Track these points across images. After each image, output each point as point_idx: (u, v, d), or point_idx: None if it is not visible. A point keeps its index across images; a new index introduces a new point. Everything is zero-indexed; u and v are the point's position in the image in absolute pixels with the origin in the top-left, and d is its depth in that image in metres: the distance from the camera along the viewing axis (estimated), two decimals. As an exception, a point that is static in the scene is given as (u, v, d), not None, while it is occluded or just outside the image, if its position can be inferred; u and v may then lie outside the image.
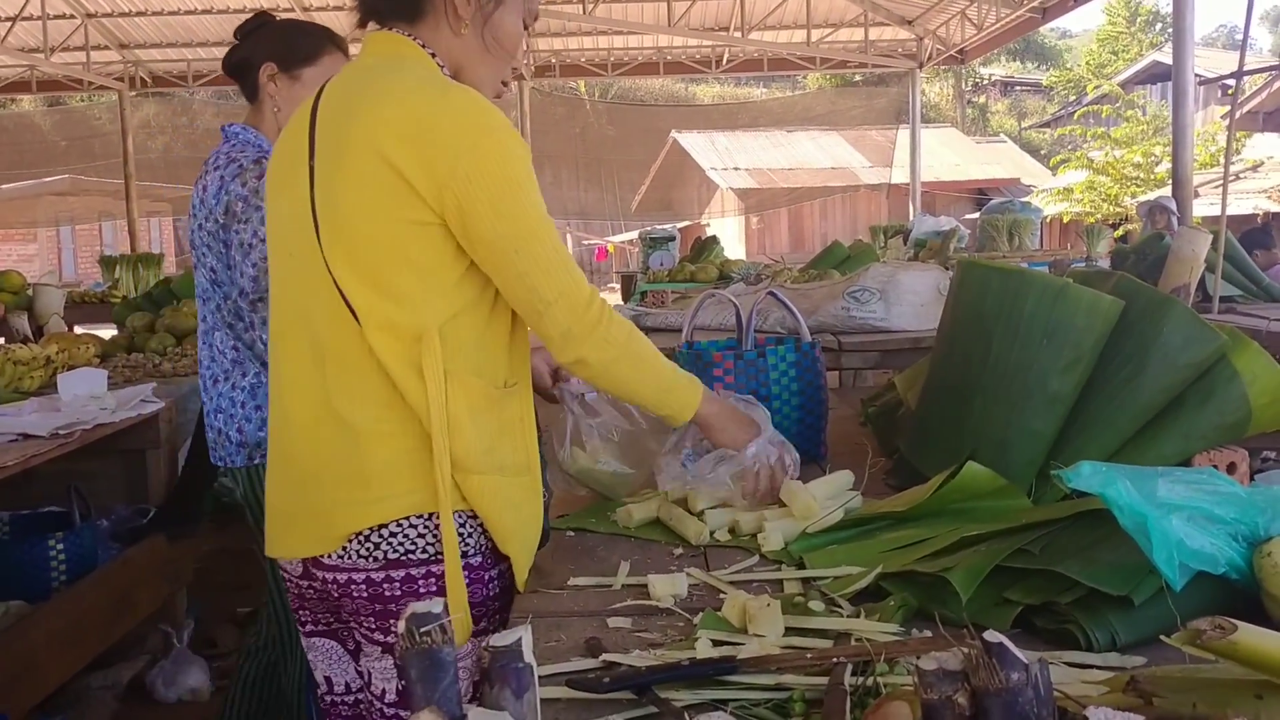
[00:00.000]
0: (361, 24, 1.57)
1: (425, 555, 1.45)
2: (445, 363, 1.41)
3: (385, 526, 1.43)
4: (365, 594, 1.46)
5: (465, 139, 1.38)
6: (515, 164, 1.41)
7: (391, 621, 1.45)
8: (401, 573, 1.45)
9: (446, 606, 0.93)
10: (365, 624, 1.49)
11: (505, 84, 1.62)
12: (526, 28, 1.60)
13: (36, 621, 2.86)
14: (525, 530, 1.52)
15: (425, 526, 1.44)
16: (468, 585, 1.47)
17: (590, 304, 1.48)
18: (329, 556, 1.46)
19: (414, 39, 1.51)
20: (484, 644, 0.88)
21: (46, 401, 3.32)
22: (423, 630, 0.85)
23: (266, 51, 2.35)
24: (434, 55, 1.52)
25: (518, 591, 1.51)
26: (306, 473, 1.49)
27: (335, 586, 1.48)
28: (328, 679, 1.62)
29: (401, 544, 1.44)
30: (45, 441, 2.90)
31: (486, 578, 1.51)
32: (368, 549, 1.44)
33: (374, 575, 1.45)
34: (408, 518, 1.44)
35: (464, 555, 1.46)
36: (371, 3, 1.56)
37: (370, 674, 1.51)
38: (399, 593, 1.44)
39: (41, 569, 3.10)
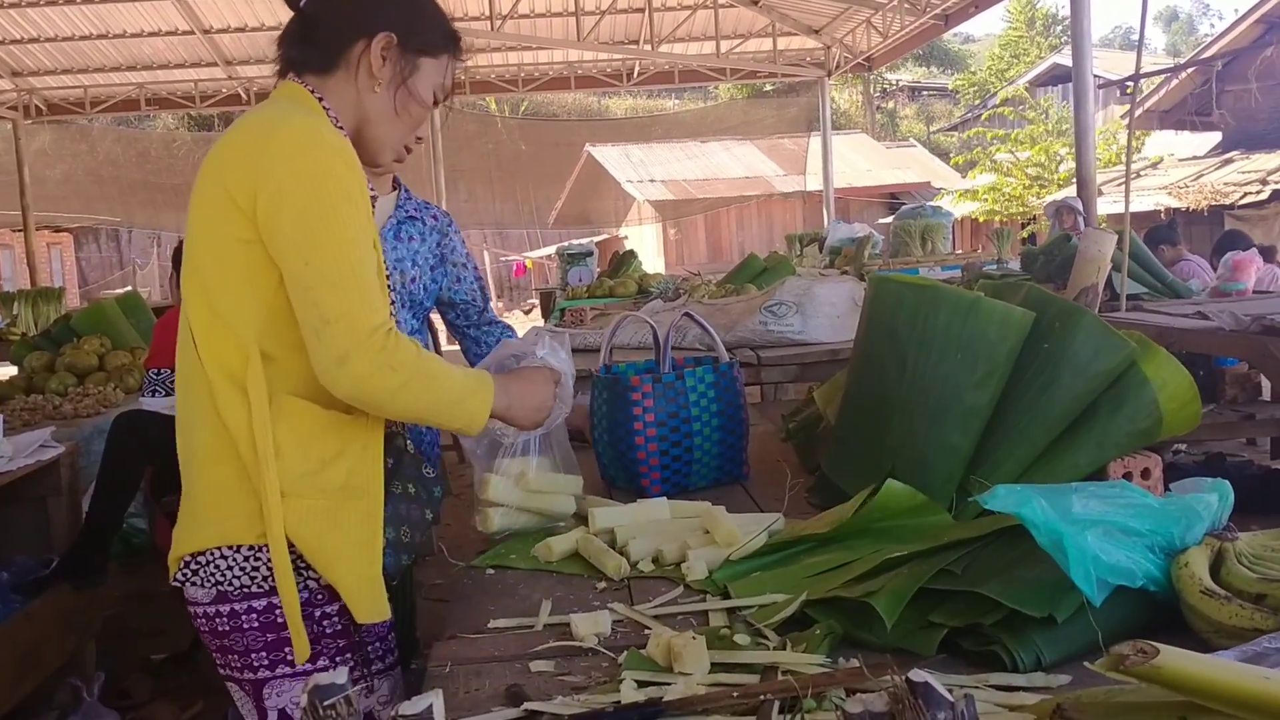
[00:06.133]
0: (282, 75, 1.59)
1: (239, 586, 1.44)
2: (272, 384, 1.42)
3: (202, 554, 1.45)
4: (205, 629, 1.48)
5: (287, 151, 1.40)
6: (332, 181, 1.40)
7: (231, 657, 1.47)
8: (227, 607, 1.45)
9: (351, 677, 0.89)
10: (216, 660, 1.51)
11: (408, 149, 1.65)
12: (436, 103, 1.63)
13: (-66, 684, 2.72)
14: (355, 556, 1.45)
15: (237, 556, 1.44)
16: None
17: (376, 330, 1.40)
18: (175, 583, 1.49)
19: (314, 93, 1.53)
20: (393, 713, 0.84)
21: (-62, 451, 3.17)
22: (326, 703, 0.81)
23: None
24: (329, 110, 1.53)
25: (357, 625, 1.47)
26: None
27: (192, 620, 1.50)
28: None
29: (212, 574, 1.44)
30: (-63, 494, 2.77)
31: (318, 614, 1.47)
32: (186, 574, 1.46)
33: (207, 609, 1.46)
34: (219, 548, 1.44)
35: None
36: (288, 54, 1.59)
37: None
38: (227, 627, 1.45)
39: (-61, 628, 2.96)
